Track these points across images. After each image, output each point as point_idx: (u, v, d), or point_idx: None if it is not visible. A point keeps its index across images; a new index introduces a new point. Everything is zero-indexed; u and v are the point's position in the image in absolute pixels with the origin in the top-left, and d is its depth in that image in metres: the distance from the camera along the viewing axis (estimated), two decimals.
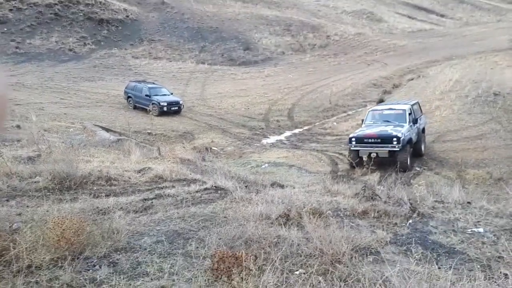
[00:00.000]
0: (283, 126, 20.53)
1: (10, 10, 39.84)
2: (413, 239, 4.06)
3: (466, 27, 53.03)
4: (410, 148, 12.38)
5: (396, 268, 3.04)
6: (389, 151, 11.76)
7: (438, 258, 3.60)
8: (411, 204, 5.21)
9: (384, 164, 12.18)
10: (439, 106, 18.82)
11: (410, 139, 12.31)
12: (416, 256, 3.47)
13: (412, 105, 13.77)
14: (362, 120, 14.28)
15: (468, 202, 5.84)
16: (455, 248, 3.89)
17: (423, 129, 14.37)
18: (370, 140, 12.13)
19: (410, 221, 4.70)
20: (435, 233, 4.32)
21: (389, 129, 12.25)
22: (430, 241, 4.07)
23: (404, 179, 10.22)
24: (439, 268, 3.27)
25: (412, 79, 27.34)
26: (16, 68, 32.30)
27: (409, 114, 13.08)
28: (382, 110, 14.34)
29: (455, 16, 63.78)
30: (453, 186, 6.70)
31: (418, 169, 12.47)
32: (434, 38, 46.06)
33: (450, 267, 3.14)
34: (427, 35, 48.95)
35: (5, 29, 37.99)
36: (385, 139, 11.89)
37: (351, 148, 12.40)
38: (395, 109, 13.68)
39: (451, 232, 4.34)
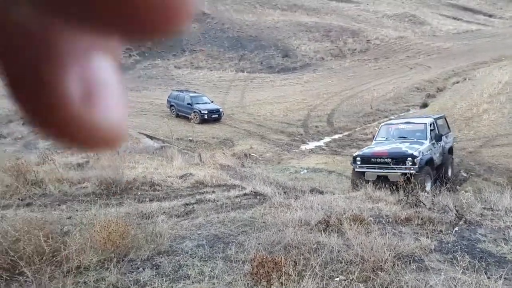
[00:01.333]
0: (322, 132, 20.33)
1: None
2: (460, 247, 3.89)
3: None
4: (433, 171, 10.09)
5: (441, 276, 2.93)
6: (403, 174, 9.29)
7: (487, 268, 3.43)
8: (457, 211, 5.01)
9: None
10: (487, 110, 17.95)
11: (431, 160, 10.02)
12: (463, 265, 3.33)
13: (436, 119, 11.39)
14: (373, 136, 12.42)
15: None
16: (506, 257, 3.69)
17: (451, 149, 11.84)
18: (378, 160, 9.93)
19: (456, 228, 4.51)
20: (484, 241, 4.12)
21: (404, 147, 10.02)
22: (478, 250, 3.88)
23: (450, 186, 9.81)
24: (488, 278, 3.12)
25: (457, 82, 26.27)
26: None
27: (432, 129, 10.80)
28: (397, 124, 12.05)
29: (504, 15, 60.83)
30: (503, 192, 6.36)
31: (464, 175, 11.93)
32: (481, 39, 44.11)
33: (500, 277, 2.98)
34: (474, 36, 46.96)
35: None
36: (398, 159, 9.64)
37: (356, 170, 10.25)
38: (414, 123, 11.45)
39: (501, 240, 4.12)
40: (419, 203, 5.54)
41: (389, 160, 9.62)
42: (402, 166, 9.33)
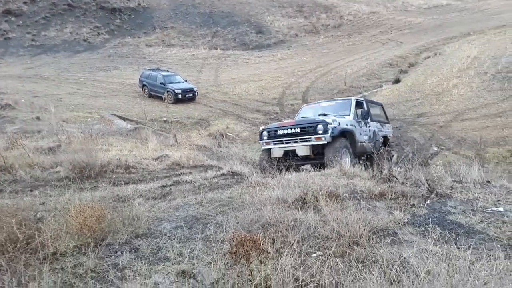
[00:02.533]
0: (298, 110, 20.43)
1: (25, 2, 40.26)
2: (431, 219, 4.04)
3: (485, 0, 51.29)
4: (353, 149, 8.55)
5: (414, 249, 3.04)
6: (312, 146, 7.88)
7: (457, 238, 3.58)
8: (428, 184, 5.17)
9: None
10: (456, 84, 18.42)
11: (352, 134, 8.59)
12: (434, 237, 3.46)
13: (368, 101, 10.47)
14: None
15: (488, 181, 5.76)
16: (475, 228, 3.86)
17: (386, 141, 10.60)
18: (286, 132, 8.32)
19: (428, 201, 4.67)
20: (454, 213, 4.29)
21: (317, 118, 8.60)
22: (448, 221, 4.04)
23: (422, 160, 10.10)
24: (458, 248, 3.25)
25: (428, 57, 26.73)
26: (33, 60, 32.79)
27: (358, 106, 9.55)
28: (320, 102, 10.90)
29: None
30: (472, 165, 6.60)
31: (435, 149, 12.30)
32: (451, 14, 44.79)
33: (469, 246, 3.12)
34: (444, 10, 47.61)
35: (21, 22, 38.48)
36: (307, 129, 8.06)
37: (263, 148, 8.84)
38: (338, 100, 10.40)
39: (470, 212, 4.30)
40: (393, 178, 5.69)
41: (298, 130, 8.11)
42: (312, 136, 7.86)
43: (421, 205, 4.57)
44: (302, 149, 8.01)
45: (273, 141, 8.53)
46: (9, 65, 30.75)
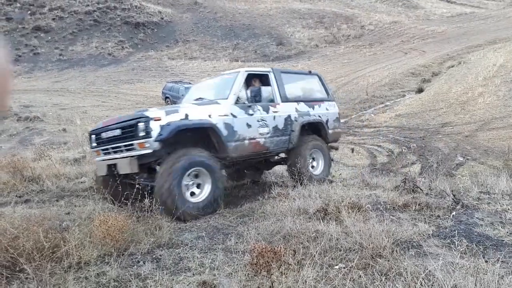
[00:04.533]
0: None
1: (53, 19, 41.78)
2: (457, 231, 3.92)
3: (511, 8, 50.18)
4: (222, 153, 5.51)
5: (439, 261, 2.96)
6: (139, 158, 4.88)
7: (485, 251, 3.46)
8: (454, 195, 5.04)
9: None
10: (482, 93, 17.98)
11: (212, 130, 5.36)
12: (461, 249, 3.36)
13: (282, 71, 6.88)
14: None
15: None
16: (503, 240, 3.73)
17: (320, 131, 7.19)
18: (108, 135, 5.38)
19: (454, 213, 4.54)
20: (481, 225, 4.15)
21: (159, 109, 5.18)
22: (475, 234, 3.91)
23: (446, 170, 9.84)
24: (486, 261, 3.14)
25: (452, 66, 26.24)
26: (60, 74, 33.87)
27: (255, 81, 6.42)
28: (208, 80, 7.49)
29: None
30: (499, 176, 6.39)
31: (461, 159, 11.99)
32: (475, 22, 43.96)
33: (498, 260, 3.01)
34: (468, 19, 46.79)
35: (49, 37, 39.90)
36: (127, 129, 5.06)
37: (96, 160, 5.83)
38: (224, 76, 6.68)
39: (498, 223, 4.16)
40: (417, 188, 5.57)
41: (119, 132, 5.16)
42: (135, 141, 4.84)
43: (447, 216, 4.45)
44: (123, 163, 4.95)
45: (102, 150, 5.54)
46: (38, 79, 31.86)
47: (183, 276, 3.18)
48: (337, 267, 3.21)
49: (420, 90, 22.67)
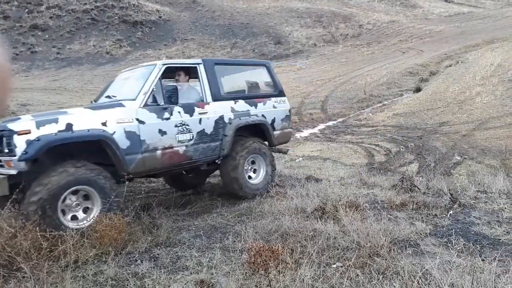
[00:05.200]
0: (317, 119, 20.32)
1: (50, 17, 41.64)
2: (454, 230, 3.94)
3: (508, 7, 50.27)
4: (121, 169, 4.44)
5: (436, 260, 2.97)
6: (9, 178, 3.96)
7: (482, 250, 3.48)
8: (451, 194, 5.05)
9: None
10: (480, 92, 18.03)
11: (106, 144, 4.33)
12: (458, 248, 3.37)
13: (217, 62, 5.88)
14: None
15: None
16: (500, 239, 3.74)
17: (264, 128, 6.11)
18: None
19: (451, 212, 4.56)
20: (478, 224, 4.17)
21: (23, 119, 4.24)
22: (472, 233, 3.93)
23: (444, 169, 9.86)
24: (482, 260, 3.16)
25: (450, 66, 26.29)
26: (58, 73, 33.79)
27: (170, 77, 5.79)
28: (130, 70, 5.94)
29: None
30: (496, 175, 6.42)
31: (458, 158, 12.02)
32: (473, 21, 44.05)
33: (495, 259, 3.02)
34: (465, 18, 46.87)
35: (47, 36, 39.78)
36: None
37: None
38: (141, 68, 5.44)
39: (495, 222, 4.17)
40: (414, 187, 5.59)
41: None
42: (3, 158, 4.03)
43: (444, 215, 4.46)
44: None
45: None
46: (35, 78, 31.76)
47: (181, 275, 3.19)
48: (334, 266, 3.22)
49: (418, 90, 22.72)
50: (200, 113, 5.21)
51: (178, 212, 5.23)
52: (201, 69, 5.47)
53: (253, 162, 6.02)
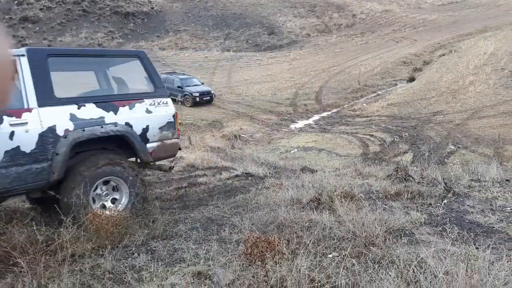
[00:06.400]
0: (311, 110, 20.35)
1: (41, 9, 41.06)
2: (449, 219, 3.98)
3: None
4: None
5: (431, 249, 3.00)
6: None
7: (476, 238, 3.52)
8: (445, 183, 5.09)
9: (412, 143, 11.44)
10: (473, 81, 18.11)
11: None
12: (452, 236, 3.41)
13: (37, 55, 4.03)
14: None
15: (507, 180, 5.65)
16: (494, 227, 3.79)
17: (128, 141, 4.45)
18: None
19: (445, 201, 4.60)
20: (472, 212, 4.21)
21: None
22: (466, 221, 3.97)
23: (438, 159, 9.93)
24: (476, 248, 3.20)
25: (443, 55, 26.35)
26: None
27: None
28: None
29: None
30: (490, 163, 6.48)
31: (452, 147, 12.10)
32: (466, 10, 44.08)
33: (489, 246, 3.06)
34: (459, 7, 46.88)
35: (37, 28, 39.26)
36: None
37: None
38: None
39: (489, 211, 4.22)
40: (409, 177, 5.62)
41: None
42: None
43: (438, 204, 4.50)
44: None
45: None
46: None
47: (178, 267, 3.20)
48: (330, 255, 3.24)
49: (412, 79, 22.79)
50: (11, 124, 3.71)
51: (174, 205, 5.24)
52: (24, 63, 3.90)
53: (114, 189, 4.45)
